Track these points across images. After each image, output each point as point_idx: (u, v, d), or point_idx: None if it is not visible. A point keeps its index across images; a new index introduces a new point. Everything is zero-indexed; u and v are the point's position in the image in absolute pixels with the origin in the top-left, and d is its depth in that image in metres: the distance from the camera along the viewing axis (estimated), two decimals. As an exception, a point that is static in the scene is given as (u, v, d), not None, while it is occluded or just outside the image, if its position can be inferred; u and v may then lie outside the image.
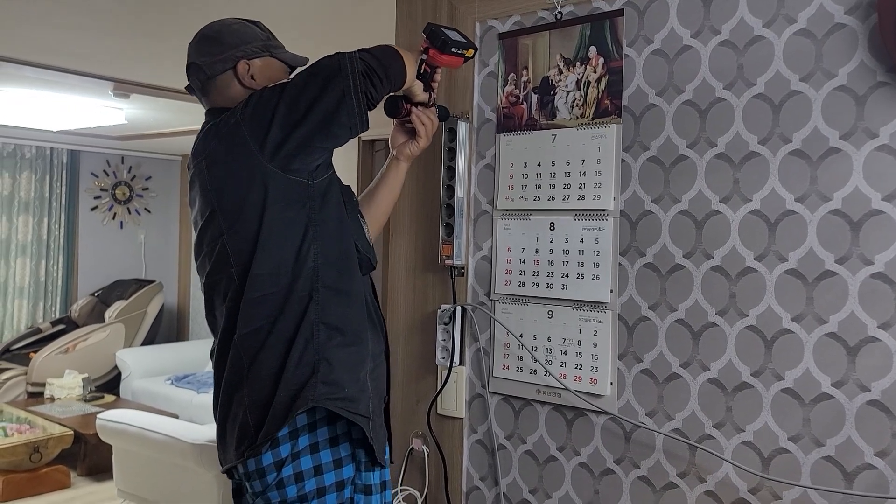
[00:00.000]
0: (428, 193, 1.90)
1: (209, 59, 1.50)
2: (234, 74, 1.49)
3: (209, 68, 1.50)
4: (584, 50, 1.66)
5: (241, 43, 1.50)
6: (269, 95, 1.40)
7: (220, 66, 1.49)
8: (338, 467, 1.42)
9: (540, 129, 1.73)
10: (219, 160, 1.43)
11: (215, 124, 1.45)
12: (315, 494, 1.39)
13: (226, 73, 1.49)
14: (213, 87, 1.51)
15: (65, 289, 6.45)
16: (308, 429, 1.40)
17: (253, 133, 1.38)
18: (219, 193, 1.42)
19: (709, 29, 1.50)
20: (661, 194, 1.56)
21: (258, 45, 1.51)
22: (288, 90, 1.38)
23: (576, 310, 1.67)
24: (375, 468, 1.47)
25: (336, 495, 1.41)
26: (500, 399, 1.80)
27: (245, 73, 1.49)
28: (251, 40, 1.51)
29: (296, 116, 1.36)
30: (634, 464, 1.59)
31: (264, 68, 1.51)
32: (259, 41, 1.52)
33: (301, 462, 1.39)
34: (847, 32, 1.35)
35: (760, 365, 1.44)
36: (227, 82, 1.50)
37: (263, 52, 1.51)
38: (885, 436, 1.31)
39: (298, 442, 1.39)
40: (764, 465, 1.43)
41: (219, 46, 1.49)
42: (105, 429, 3.61)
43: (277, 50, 1.54)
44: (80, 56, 3.29)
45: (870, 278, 1.32)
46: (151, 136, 5.81)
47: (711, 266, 1.49)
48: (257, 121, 1.38)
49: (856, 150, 1.34)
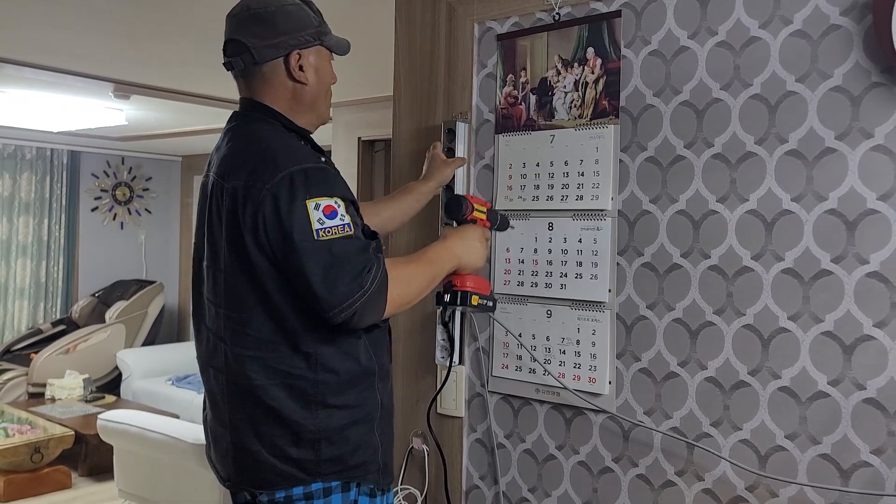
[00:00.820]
0: (427, 194, 1.91)
1: (259, 42, 1.38)
2: (285, 63, 1.40)
3: (258, 53, 1.38)
4: (582, 51, 1.67)
5: (296, 29, 1.39)
6: (301, 244, 1.26)
7: (271, 52, 1.38)
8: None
9: (538, 129, 1.74)
10: (233, 210, 1.33)
11: (252, 176, 1.31)
12: None
13: (275, 60, 1.39)
14: (257, 73, 1.41)
15: (65, 289, 6.47)
16: None
17: (271, 248, 1.29)
18: (228, 232, 1.34)
19: (705, 30, 1.51)
20: (659, 194, 1.57)
21: (311, 33, 1.41)
22: (322, 270, 1.26)
23: (574, 309, 1.68)
24: (387, 491, 1.46)
25: None
26: (500, 398, 1.81)
27: (295, 65, 1.40)
28: (305, 27, 1.40)
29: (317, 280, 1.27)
30: (633, 462, 1.60)
31: (315, 59, 1.42)
32: (312, 28, 1.41)
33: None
34: (842, 33, 1.36)
35: (757, 364, 1.45)
36: (274, 71, 1.40)
37: (315, 41, 1.42)
38: (880, 434, 1.32)
39: (311, 485, 1.36)
40: (761, 463, 1.44)
41: (272, 30, 1.38)
42: (106, 429, 3.62)
43: (327, 37, 1.45)
44: (80, 57, 3.31)
45: (865, 277, 1.33)
46: (152, 136, 5.82)
47: (709, 265, 1.50)
48: (279, 244, 1.28)
49: (851, 150, 1.35)
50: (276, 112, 1.43)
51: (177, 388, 5.33)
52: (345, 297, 1.26)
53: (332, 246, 1.27)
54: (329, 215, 1.28)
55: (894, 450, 1.31)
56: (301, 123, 1.45)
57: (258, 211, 1.28)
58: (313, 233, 1.27)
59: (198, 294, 1.46)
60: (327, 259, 1.26)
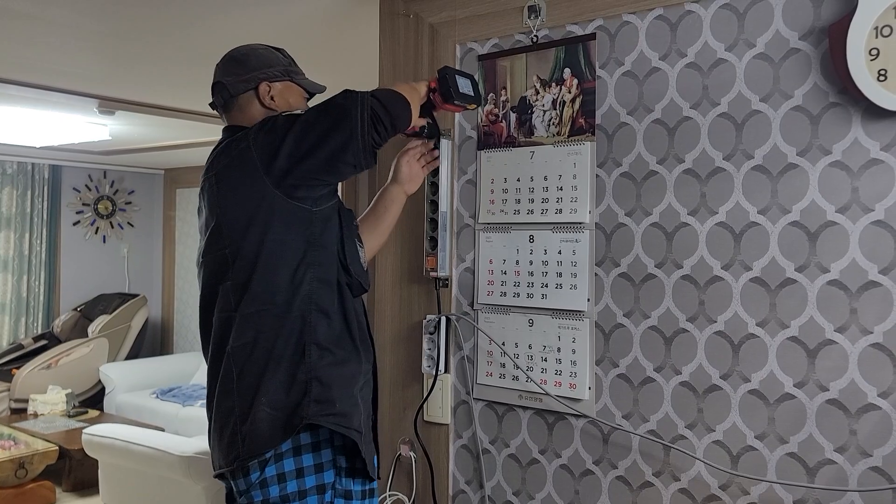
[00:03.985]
0: (412, 208, 1.97)
1: (233, 78, 1.60)
2: (256, 94, 1.60)
3: (232, 87, 1.60)
4: (560, 71, 1.75)
5: (265, 66, 1.60)
6: (281, 124, 1.48)
7: (242, 85, 1.59)
8: (318, 471, 1.48)
9: (519, 146, 1.82)
10: (227, 178, 1.50)
11: (229, 143, 1.54)
12: (297, 496, 1.46)
13: (248, 92, 1.60)
14: (234, 105, 1.61)
15: (47, 304, 6.44)
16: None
17: (262, 158, 1.46)
18: (224, 209, 1.50)
19: (675, 52, 1.59)
20: (634, 207, 1.65)
21: (280, 70, 1.62)
22: (299, 123, 1.46)
23: (555, 318, 1.75)
24: (356, 476, 1.53)
25: (317, 498, 1.48)
26: (484, 405, 1.88)
27: (266, 94, 1.59)
28: (274, 64, 1.62)
29: (303, 150, 1.44)
30: (612, 464, 1.67)
31: (284, 91, 1.62)
32: (281, 66, 1.62)
33: (284, 464, 1.45)
34: (801, 56, 1.45)
35: (728, 368, 1.52)
36: (248, 101, 1.60)
37: (284, 77, 1.62)
38: (843, 432, 1.40)
39: (281, 445, 1.45)
40: (733, 462, 1.51)
41: (243, 67, 1.60)
42: (91, 443, 3.63)
43: (297, 76, 1.65)
44: (66, 75, 3.33)
45: (826, 285, 1.42)
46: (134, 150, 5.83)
47: (681, 275, 1.58)
48: (267, 147, 1.46)
49: (812, 165, 1.44)
50: None
51: (161, 402, 5.31)
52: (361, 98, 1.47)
53: (307, 117, 1.48)
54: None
55: (856, 447, 1.39)
56: None
57: (251, 143, 1.47)
58: (295, 119, 1.47)
59: (210, 288, 1.54)
60: (309, 118, 1.47)
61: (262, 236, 1.46)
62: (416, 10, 1.99)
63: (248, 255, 1.47)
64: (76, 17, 2.49)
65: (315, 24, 2.55)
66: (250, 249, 1.47)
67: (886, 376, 1.36)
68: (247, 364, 1.46)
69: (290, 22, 2.56)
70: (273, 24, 2.58)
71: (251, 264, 1.46)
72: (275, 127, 1.48)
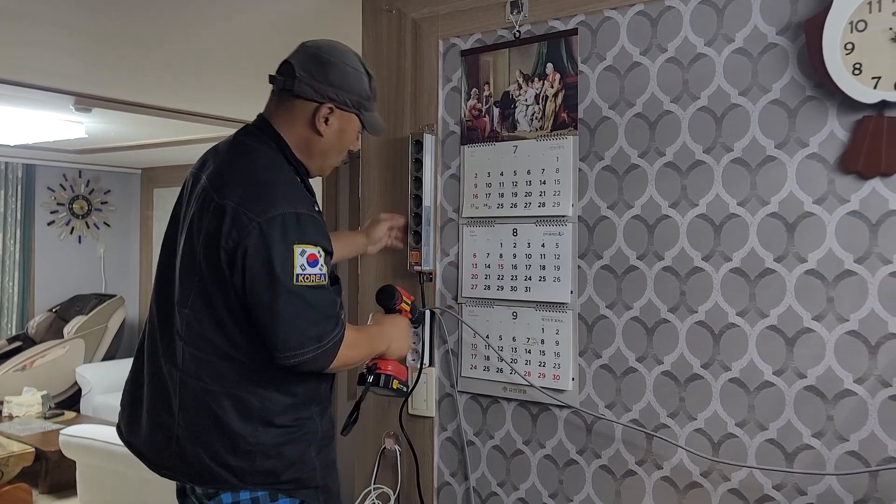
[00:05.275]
0: (396, 203, 1.98)
1: (306, 76, 1.44)
2: (314, 110, 1.45)
3: (299, 85, 1.44)
4: (542, 66, 1.77)
5: (342, 87, 1.46)
6: (288, 283, 1.33)
7: (308, 91, 1.44)
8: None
9: (502, 140, 1.84)
10: (217, 227, 1.37)
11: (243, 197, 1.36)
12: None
13: (309, 101, 1.45)
14: (287, 101, 1.47)
15: (21, 305, 6.35)
16: None
17: (247, 272, 1.34)
18: (206, 242, 1.39)
19: (656, 47, 1.62)
20: (616, 200, 1.67)
21: (354, 100, 1.48)
22: (290, 313, 1.34)
23: (538, 310, 1.77)
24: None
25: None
26: (469, 397, 1.89)
27: (322, 117, 1.46)
28: (352, 91, 1.47)
29: (261, 316, 1.35)
30: (596, 454, 1.69)
31: (343, 123, 1.49)
32: (357, 96, 1.48)
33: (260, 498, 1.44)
34: (779, 51, 1.48)
35: (709, 357, 1.55)
36: (301, 109, 1.46)
37: (353, 109, 1.49)
38: (820, 418, 1.43)
39: (240, 494, 1.43)
40: (714, 449, 1.54)
41: (322, 75, 1.45)
42: (69, 444, 3.58)
43: (366, 112, 1.52)
44: (42, 72, 3.30)
45: (804, 275, 1.45)
46: (110, 149, 5.77)
47: (663, 267, 1.61)
48: (255, 275, 1.34)
49: (789, 157, 1.47)
50: (284, 142, 1.48)
51: (139, 403, 5.26)
52: (300, 346, 1.35)
53: (307, 294, 1.35)
54: (311, 263, 1.36)
55: (833, 433, 1.42)
56: (302, 163, 1.51)
57: (242, 241, 1.34)
58: (293, 276, 1.33)
59: (165, 287, 1.49)
60: (298, 304, 1.34)
61: (224, 309, 1.40)
62: (398, 5, 2.00)
63: (209, 310, 1.41)
64: (52, 10, 2.47)
65: (298, 22, 2.55)
66: (212, 308, 1.41)
67: (862, 363, 1.40)
68: (201, 398, 1.44)
69: (272, 20, 2.55)
70: (255, 22, 2.57)
71: (211, 319, 1.41)
72: (272, 269, 1.33)
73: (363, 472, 2.03)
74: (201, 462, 1.41)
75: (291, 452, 1.43)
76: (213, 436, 1.40)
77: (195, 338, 1.41)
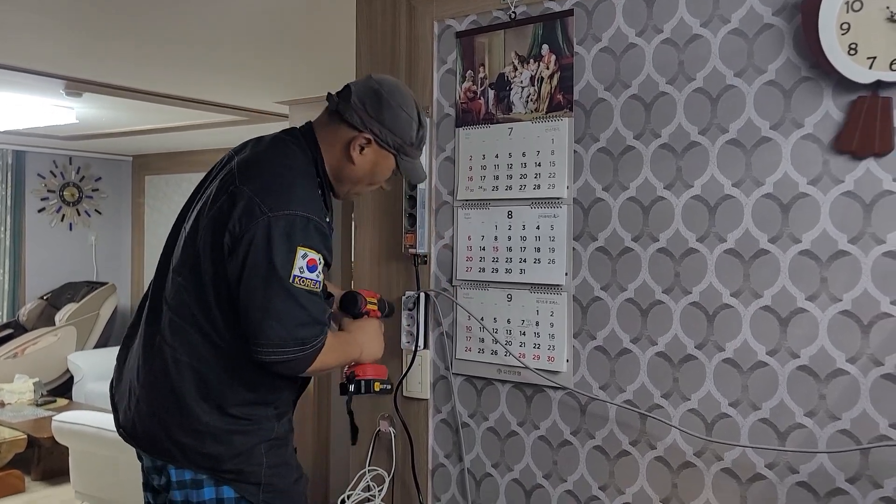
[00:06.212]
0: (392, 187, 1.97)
1: (360, 105, 1.50)
2: (353, 137, 1.51)
3: (348, 111, 1.51)
4: (538, 48, 1.77)
5: (389, 127, 1.51)
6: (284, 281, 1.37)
7: (357, 121, 1.50)
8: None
9: (497, 122, 1.83)
10: (229, 210, 1.42)
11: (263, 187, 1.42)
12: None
13: (352, 127, 1.51)
14: (335, 122, 1.53)
15: (12, 292, 6.32)
16: None
17: (246, 261, 1.37)
18: (213, 220, 1.44)
19: (652, 28, 1.62)
20: (611, 182, 1.67)
21: (396, 142, 1.53)
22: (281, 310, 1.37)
23: (533, 293, 1.77)
24: None
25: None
26: (463, 380, 1.89)
27: (359, 146, 1.51)
28: (398, 134, 1.52)
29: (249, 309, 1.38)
30: (590, 434, 1.70)
31: (378, 159, 1.54)
32: (401, 140, 1.53)
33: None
34: (775, 32, 1.48)
35: (703, 338, 1.56)
36: (345, 134, 1.52)
37: (392, 150, 1.54)
38: (812, 397, 1.44)
39: (185, 473, 1.46)
40: (708, 429, 1.55)
41: (374, 109, 1.50)
42: (62, 430, 3.58)
43: (405, 158, 1.57)
44: (32, 55, 3.26)
45: (798, 255, 1.46)
46: (101, 135, 5.73)
47: (657, 248, 1.61)
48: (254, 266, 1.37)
49: (784, 139, 1.47)
50: (321, 155, 1.54)
51: (132, 390, 5.25)
52: (283, 344, 1.37)
53: (300, 296, 1.38)
54: (310, 268, 1.40)
55: (825, 411, 1.43)
56: (330, 180, 1.57)
57: (249, 229, 1.37)
58: (291, 276, 1.37)
59: (168, 252, 1.55)
60: (291, 304, 1.37)
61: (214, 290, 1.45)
62: (393, -14, 1.99)
63: (199, 284, 1.46)
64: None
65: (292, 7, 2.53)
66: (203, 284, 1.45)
67: (854, 342, 1.41)
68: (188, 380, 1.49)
69: (266, 6, 2.53)
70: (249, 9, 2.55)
71: (201, 293, 1.46)
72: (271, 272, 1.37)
73: (358, 455, 2.04)
74: (154, 433, 1.45)
75: (241, 443, 1.46)
76: (169, 407, 1.44)
77: (180, 305, 1.46)
